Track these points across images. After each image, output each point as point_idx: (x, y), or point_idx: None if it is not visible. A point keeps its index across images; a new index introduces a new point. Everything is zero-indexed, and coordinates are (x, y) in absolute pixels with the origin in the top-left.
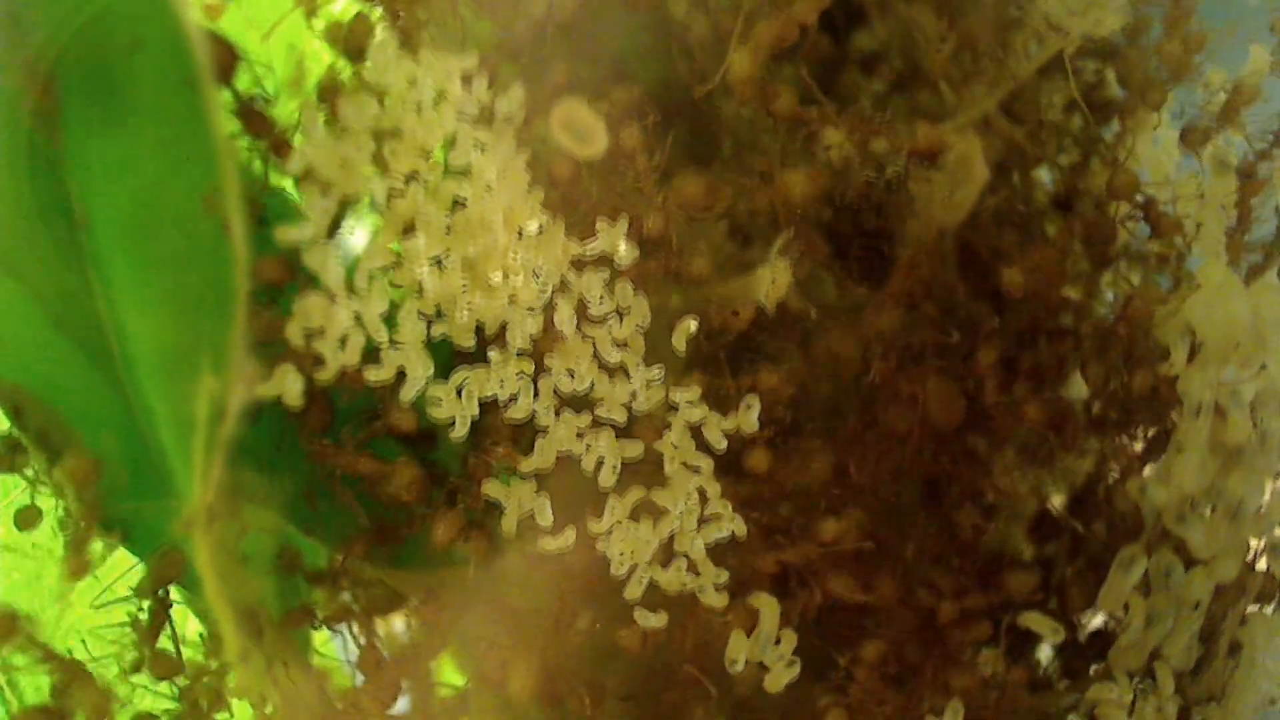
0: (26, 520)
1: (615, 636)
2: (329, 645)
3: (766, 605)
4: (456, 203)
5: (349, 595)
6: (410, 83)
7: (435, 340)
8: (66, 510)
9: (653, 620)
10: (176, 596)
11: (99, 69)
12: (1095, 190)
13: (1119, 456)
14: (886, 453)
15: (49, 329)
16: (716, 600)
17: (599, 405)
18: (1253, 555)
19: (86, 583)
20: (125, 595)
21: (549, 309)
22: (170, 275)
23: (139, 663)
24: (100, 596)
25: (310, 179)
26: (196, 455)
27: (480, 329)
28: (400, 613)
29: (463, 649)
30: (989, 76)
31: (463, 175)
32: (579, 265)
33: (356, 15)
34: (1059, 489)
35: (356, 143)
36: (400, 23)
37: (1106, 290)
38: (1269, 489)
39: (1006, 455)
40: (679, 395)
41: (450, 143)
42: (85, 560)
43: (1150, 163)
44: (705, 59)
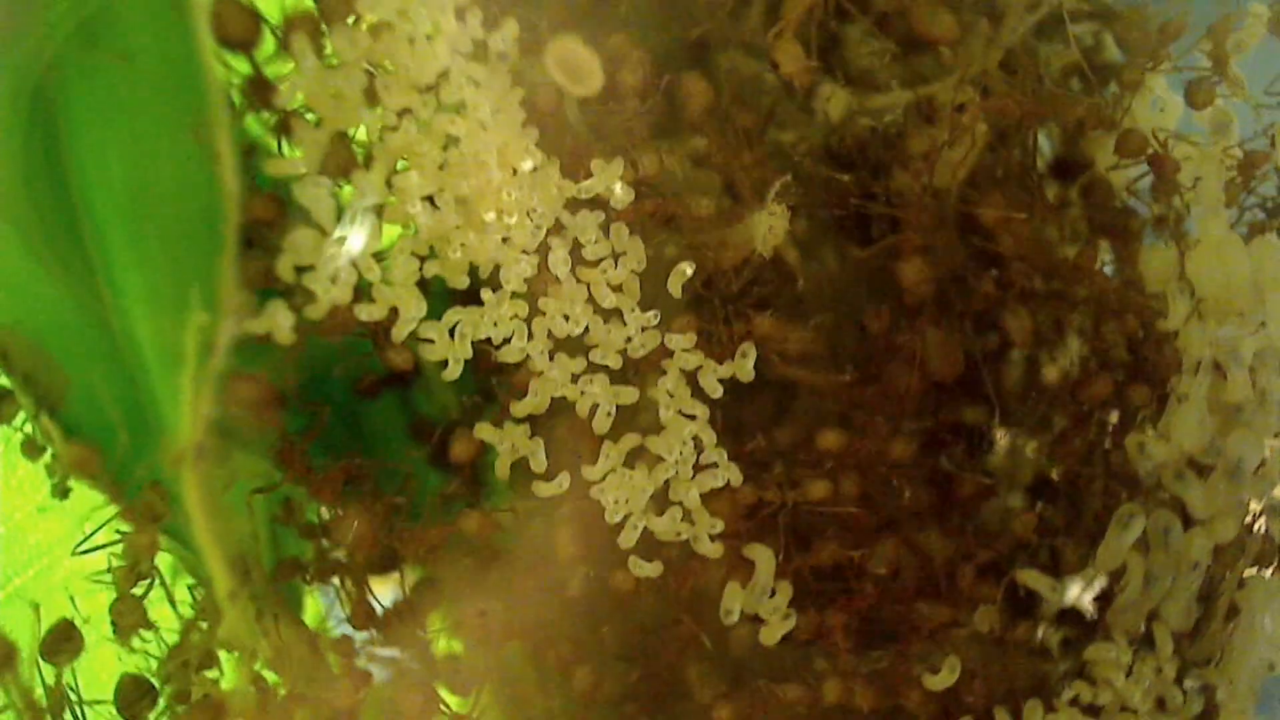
0: (32, 449)
1: (613, 584)
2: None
3: (762, 556)
4: (450, 140)
5: (342, 551)
6: (401, 14)
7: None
8: (54, 456)
9: (647, 569)
10: (164, 546)
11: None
12: (1094, 154)
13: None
14: (886, 406)
15: (37, 268)
16: (711, 550)
17: (594, 350)
18: (1252, 518)
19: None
20: (113, 540)
21: (543, 250)
22: (160, 208)
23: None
24: (85, 543)
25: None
26: (185, 390)
27: (474, 271)
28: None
29: (456, 608)
30: (986, 36)
31: (456, 112)
32: (574, 207)
33: None
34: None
35: (348, 75)
36: None
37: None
38: (1268, 449)
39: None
40: (674, 341)
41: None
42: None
43: (1149, 125)
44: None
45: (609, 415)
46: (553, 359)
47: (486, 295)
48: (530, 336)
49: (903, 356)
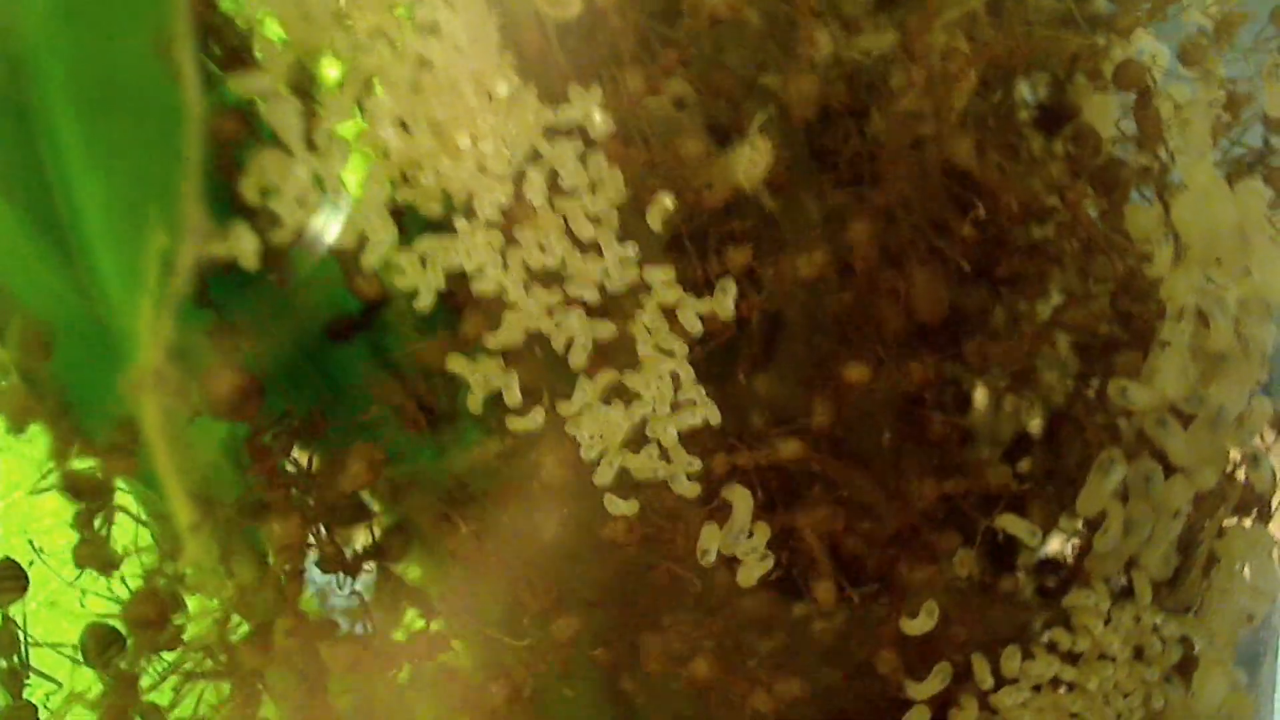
0: None
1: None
2: None
3: (739, 497)
4: (423, 62)
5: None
6: None
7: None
8: (11, 387)
9: (623, 507)
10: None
11: None
12: (1081, 102)
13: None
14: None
15: None
16: (688, 489)
17: (570, 282)
18: (1232, 467)
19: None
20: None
21: (519, 179)
22: (119, 123)
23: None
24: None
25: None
26: (145, 313)
27: (449, 204)
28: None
29: (429, 558)
30: None
31: (430, 33)
32: (552, 137)
33: None
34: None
35: None
36: None
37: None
38: (1250, 398)
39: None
40: (653, 275)
41: None
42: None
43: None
44: None
45: (585, 350)
46: (528, 291)
47: (460, 223)
48: (506, 268)
49: (888, 293)
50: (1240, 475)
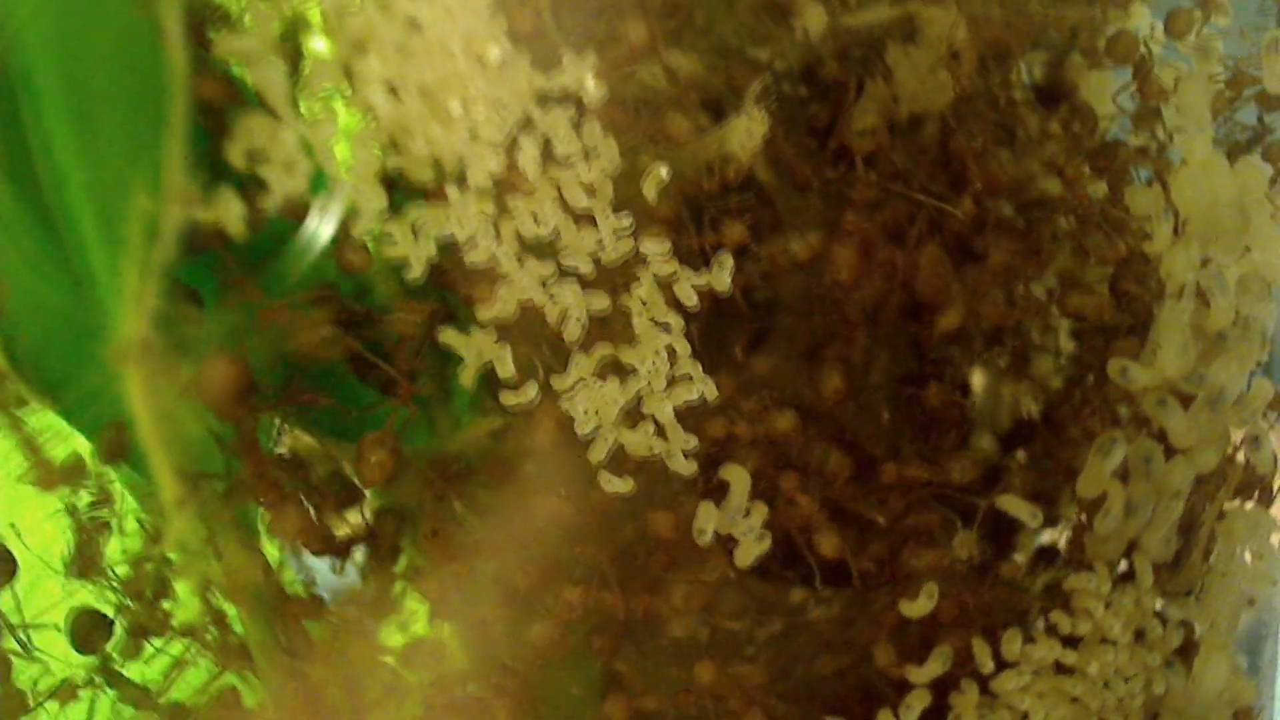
0: None
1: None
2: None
3: (736, 476)
4: (412, 23)
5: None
6: None
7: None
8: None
9: (617, 485)
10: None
11: None
12: (1078, 80)
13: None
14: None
15: None
16: (684, 467)
17: (564, 254)
18: (1233, 448)
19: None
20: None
21: (512, 147)
22: (103, 86)
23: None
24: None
25: None
26: (128, 280)
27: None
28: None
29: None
30: None
31: None
32: (546, 104)
33: None
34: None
35: None
36: None
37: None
38: (1250, 378)
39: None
40: (648, 247)
41: None
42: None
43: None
44: None
45: (579, 323)
46: (521, 263)
47: (452, 192)
48: (498, 238)
49: (884, 273)
50: (1241, 457)
